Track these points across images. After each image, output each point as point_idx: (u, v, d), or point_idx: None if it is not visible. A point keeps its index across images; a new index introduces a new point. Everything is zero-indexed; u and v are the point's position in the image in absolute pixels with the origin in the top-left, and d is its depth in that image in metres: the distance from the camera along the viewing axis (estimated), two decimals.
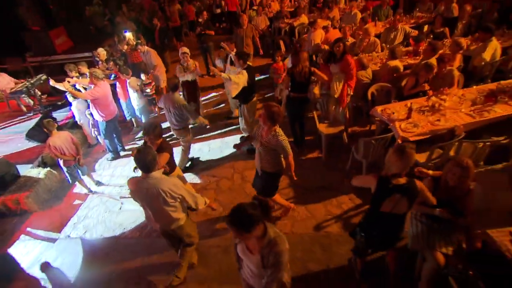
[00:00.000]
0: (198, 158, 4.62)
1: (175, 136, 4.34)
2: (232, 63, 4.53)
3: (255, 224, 1.60)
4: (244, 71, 3.85)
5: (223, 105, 6.10)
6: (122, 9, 10.26)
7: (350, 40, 5.29)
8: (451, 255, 2.22)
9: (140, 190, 2.42)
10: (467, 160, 2.09)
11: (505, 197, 2.24)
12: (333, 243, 3.02)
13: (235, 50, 4.75)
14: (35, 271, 3.14)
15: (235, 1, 9.99)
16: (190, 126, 4.24)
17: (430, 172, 2.39)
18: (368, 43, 5.11)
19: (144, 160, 2.32)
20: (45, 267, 2.80)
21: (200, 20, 6.84)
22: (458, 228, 2.29)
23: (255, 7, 8.56)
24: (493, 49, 4.00)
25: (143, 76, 5.31)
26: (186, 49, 4.84)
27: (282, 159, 2.85)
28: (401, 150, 1.94)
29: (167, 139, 4.46)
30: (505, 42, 4.51)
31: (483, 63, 4.02)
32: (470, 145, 2.96)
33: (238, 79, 3.82)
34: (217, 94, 6.58)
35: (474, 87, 3.75)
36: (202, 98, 5.99)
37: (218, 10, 10.31)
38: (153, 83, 5.56)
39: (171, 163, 3.15)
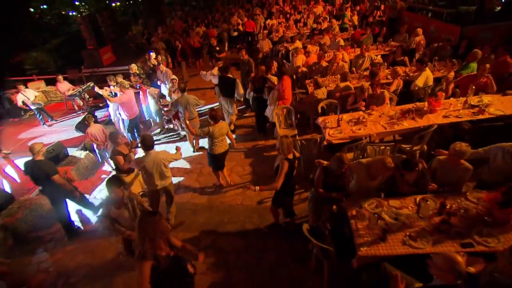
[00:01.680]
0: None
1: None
2: None
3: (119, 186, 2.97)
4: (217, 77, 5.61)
5: None
6: (158, 30, 12.35)
7: (324, 64, 6.39)
8: (323, 216, 3.28)
9: (148, 161, 3.63)
10: (345, 156, 3.14)
11: (365, 183, 3.22)
12: (267, 212, 4.08)
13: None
14: (73, 216, 4.64)
15: (252, 24, 11.77)
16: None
17: (325, 162, 3.47)
18: (337, 67, 6.16)
19: (149, 141, 3.66)
20: (79, 214, 4.40)
21: (212, 44, 8.42)
22: (335, 201, 3.33)
23: (265, 31, 9.98)
24: (425, 77, 4.89)
25: (164, 89, 6.80)
26: (174, 76, 6.32)
27: (214, 146, 4.21)
28: (286, 143, 3.12)
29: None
30: (444, 72, 5.31)
31: (416, 87, 4.92)
32: (372, 148, 3.96)
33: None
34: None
35: (390, 106, 4.76)
36: (209, 106, 7.52)
37: (236, 33, 11.96)
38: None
39: None
